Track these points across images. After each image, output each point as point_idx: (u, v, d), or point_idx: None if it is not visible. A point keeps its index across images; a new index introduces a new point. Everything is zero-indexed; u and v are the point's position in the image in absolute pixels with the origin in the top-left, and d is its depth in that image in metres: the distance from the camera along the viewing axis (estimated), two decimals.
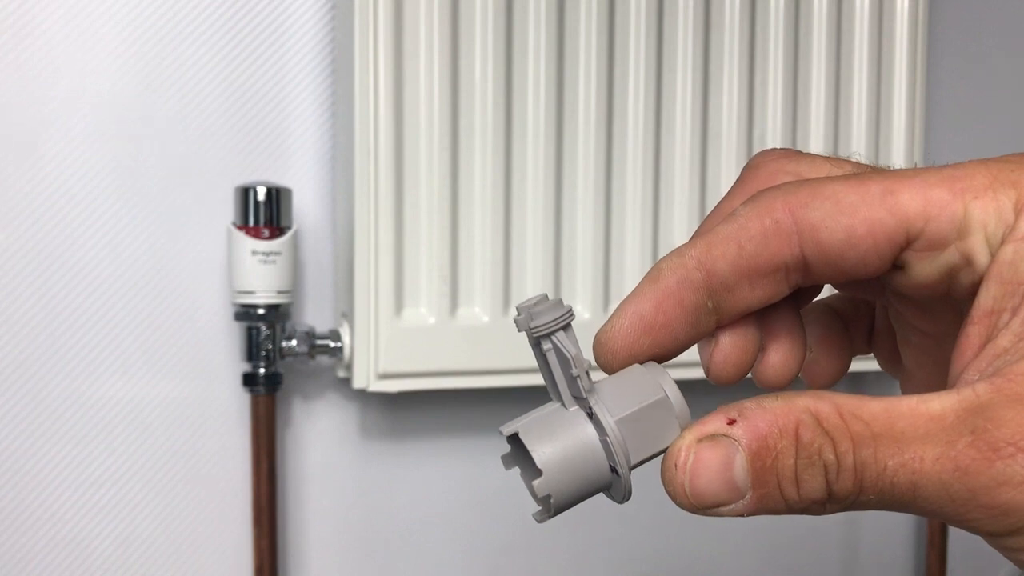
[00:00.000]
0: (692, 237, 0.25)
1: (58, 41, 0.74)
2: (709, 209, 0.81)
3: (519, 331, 0.25)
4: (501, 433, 0.26)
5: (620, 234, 0.79)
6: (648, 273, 0.25)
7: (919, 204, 0.23)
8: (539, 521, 0.25)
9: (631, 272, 0.79)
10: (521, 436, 0.25)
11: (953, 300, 0.24)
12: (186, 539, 0.79)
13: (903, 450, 0.21)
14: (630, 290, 0.80)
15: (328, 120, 0.80)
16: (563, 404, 0.25)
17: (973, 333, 0.23)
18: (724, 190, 0.90)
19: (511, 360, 0.75)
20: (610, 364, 0.25)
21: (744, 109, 0.82)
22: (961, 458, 0.21)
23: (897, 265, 0.24)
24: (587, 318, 0.77)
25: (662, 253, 0.80)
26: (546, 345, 0.25)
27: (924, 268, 0.24)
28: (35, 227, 0.74)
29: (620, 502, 0.26)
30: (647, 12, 0.78)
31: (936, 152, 1.01)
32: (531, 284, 0.76)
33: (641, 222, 0.79)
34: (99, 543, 0.77)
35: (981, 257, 0.23)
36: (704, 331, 0.25)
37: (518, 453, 0.26)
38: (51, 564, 0.76)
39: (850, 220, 0.23)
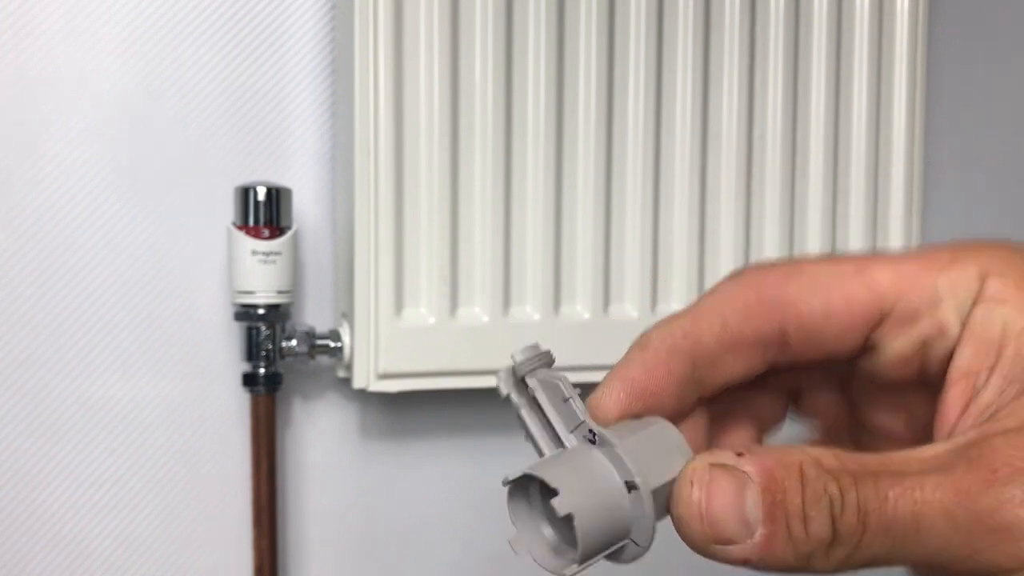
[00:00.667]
0: (679, 312, 0.26)
1: (58, 41, 0.74)
2: (709, 209, 0.82)
3: (503, 394, 0.25)
4: (505, 482, 0.24)
5: (620, 234, 0.79)
6: (636, 342, 0.25)
7: (891, 279, 0.24)
8: None
9: (631, 272, 0.79)
10: (528, 471, 0.23)
11: (926, 383, 0.25)
12: (186, 539, 0.79)
13: (903, 480, 0.22)
14: (630, 290, 0.80)
15: (328, 120, 0.80)
16: (563, 445, 0.24)
17: (953, 395, 0.24)
18: (724, 190, 0.90)
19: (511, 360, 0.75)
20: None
21: (744, 109, 0.82)
22: (960, 482, 0.21)
23: (871, 346, 0.25)
24: (587, 318, 0.77)
25: (662, 253, 0.80)
26: (531, 383, 0.24)
27: (898, 344, 0.25)
28: (35, 227, 0.74)
29: (646, 545, 0.23)
30: (647, 12, 0.78)
31: (936, 152, 1.01)
32: (531, 284, 0.77)
33: (641, 222, 0.79)
34: (99, 542, 0.77)
35: (953, 325, 0.24)
36: (688, 403, 0.25)
37: (522, 517, 0.24)
38: (51, 563, 0.76)
39: (827, 294, 0.24)
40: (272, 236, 0.72)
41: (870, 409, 0.28)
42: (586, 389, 0.28)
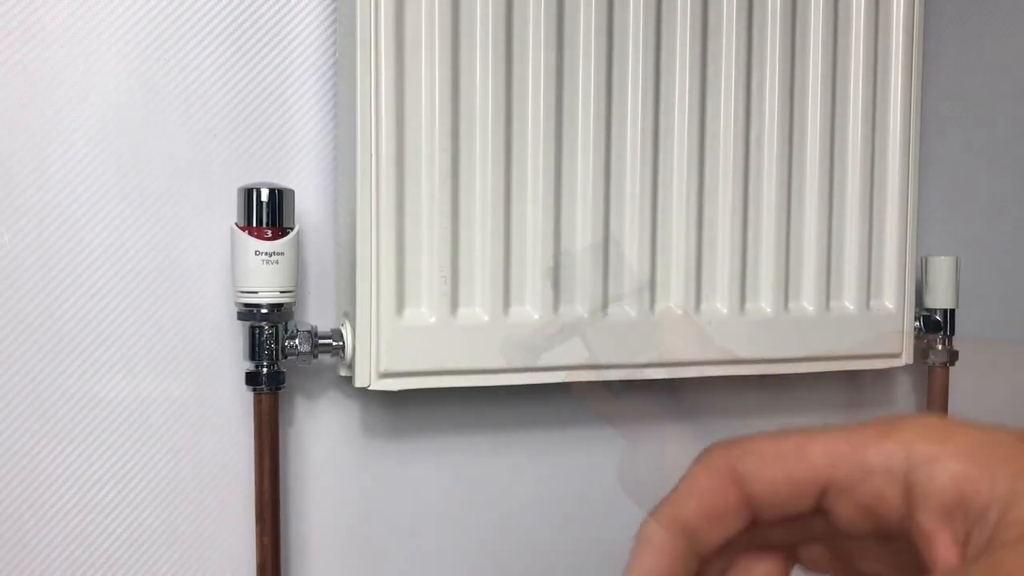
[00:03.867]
0: (663, 500, 0.31)
1: (62, 44, 0.75)
2: (707, 209, 0.83)
3: None
4: None
5: (619, 234, 0.80)
6: (637, 537, 0.30)
7: (824, 456, 0.28)
8: None
9: (630, 272, 0.80)
10: None
11: (889, 535, 0.29)
12: (189, 536, 0.80)
13: None
14: (628, 290, 0.80)
15: (330, 122, 0.81)
16: None
17: (942, 539, 0.26)
18: (721, 191, 0.91)
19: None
20: None
21: (741, 112, 0.83)
22: None
23: (823, 510, 0.29)
24: (586, 318, 0.78)
25: (660, 252, 0.81)
26: None
27: (842, 510, 0.28)
28: (40, 227, 0.75)
29: None
30: (646, 15, 0.79)
31: (931, 152, 1.02)
32: (531, 284, 0.77)
33: (639, 223, 0.80)
34: (103, 540, 0.78)
35: (889, 492, 0.28)
36: (693, 569, 0.30)
37: None
38: (55, 561, 0.77)
39: (772, 472, 0.29)
40: (275, 236, 0.73)
41: (855, 557, 0.31)
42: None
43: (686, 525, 0.29)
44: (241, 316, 0.75)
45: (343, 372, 0.79)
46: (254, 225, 0.73)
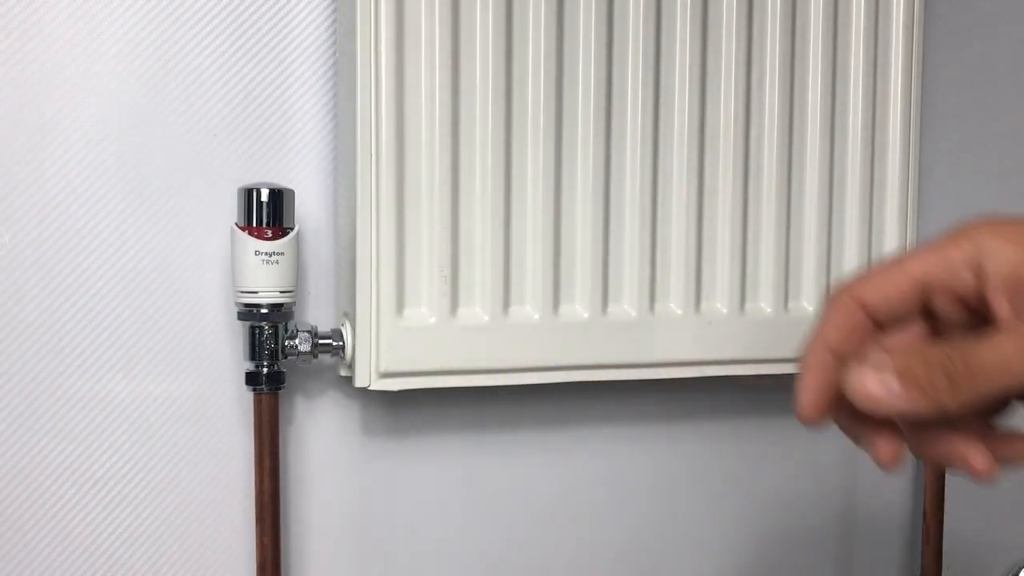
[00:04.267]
0: (810, 332, 0.41)
1: (62, 44, 0.75)
2: (707, 209, 0.83)
3: None
4: None
5: (619, 234, 0.80)
6: (801, 364, 0.40)
7: (919, 266, 0.39)
8: None
9: (629, 272, 0.80)
10: None
11: (981, 313, 0.39)
12: (189, 536, 0.80)
13: (989, 343, 0.35)
14: (629, 290, 0.82)
15: (330, 122, 0.81)
16: None
17: (1001, 307, 0.37)
18: (721, 191, 0.91)
19: (511, 359, 0.76)
20: (811, 416, 0.40)
21: (741, 111, 0.83)
22: (1021, 337, 0.35)
23: (929, 308, 0.39)
24: (586, 318, 0.78)
25: (660, 252, 0.81)
26: None
27: (942, 302, 0.39)
28: (40, 227, 0.75)
29: None
30: (645, 14, 0.79)
31: (931, 151, 1.02)
32: (531, 284, 0.77)
33: (640, 223, 0.80)
34: (103, 539, 0.78)
35: (970, 280, 0.38)
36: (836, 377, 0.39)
37: None
38: (55, 560, 0.77)
39: (883, 290, 0.39)
40: (275, 237, 0.73)
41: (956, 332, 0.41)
42: (587, 389, 0.30)
43: (833, 347, 0.39)
44: (241, 316, 0.75)
45: (343, 372, 0.79)
46: (254, 225, 0.73)
